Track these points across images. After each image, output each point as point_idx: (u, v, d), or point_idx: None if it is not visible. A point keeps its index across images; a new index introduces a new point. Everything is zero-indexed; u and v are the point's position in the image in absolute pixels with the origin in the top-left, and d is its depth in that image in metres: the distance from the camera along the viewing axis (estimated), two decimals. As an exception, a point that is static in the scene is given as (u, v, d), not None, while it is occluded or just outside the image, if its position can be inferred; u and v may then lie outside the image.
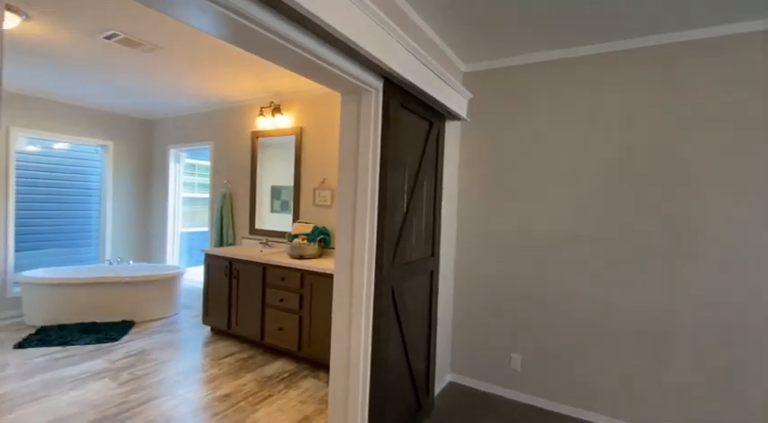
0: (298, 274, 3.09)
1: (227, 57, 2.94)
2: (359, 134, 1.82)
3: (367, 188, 1.79)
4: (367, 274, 1.80)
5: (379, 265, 1.80)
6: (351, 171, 1.84)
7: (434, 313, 2.44)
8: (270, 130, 3.99)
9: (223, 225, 4.32)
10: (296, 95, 3.80)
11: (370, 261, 1.80)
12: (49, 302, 3.82)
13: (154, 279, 4.18)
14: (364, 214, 1.80)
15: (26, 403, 2.40)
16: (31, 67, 3.31)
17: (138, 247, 5.27)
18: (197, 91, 3.86)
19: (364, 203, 1.80)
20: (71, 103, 4.50)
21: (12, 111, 4.06)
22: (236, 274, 3.51)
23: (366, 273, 1.80)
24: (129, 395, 2.56)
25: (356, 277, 1.82)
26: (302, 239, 3.36)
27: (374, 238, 1.80)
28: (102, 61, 3.09)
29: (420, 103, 2.07)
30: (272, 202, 4.10)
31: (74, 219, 4.75)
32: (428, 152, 2.23)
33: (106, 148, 4.93)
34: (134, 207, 5.22)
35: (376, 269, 1.81)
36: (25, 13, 2.31)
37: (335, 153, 3.54)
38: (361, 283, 1.80)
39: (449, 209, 2.73)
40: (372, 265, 1.80)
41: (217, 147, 4.57)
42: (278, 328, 3.21)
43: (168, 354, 3.27)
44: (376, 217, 1.80)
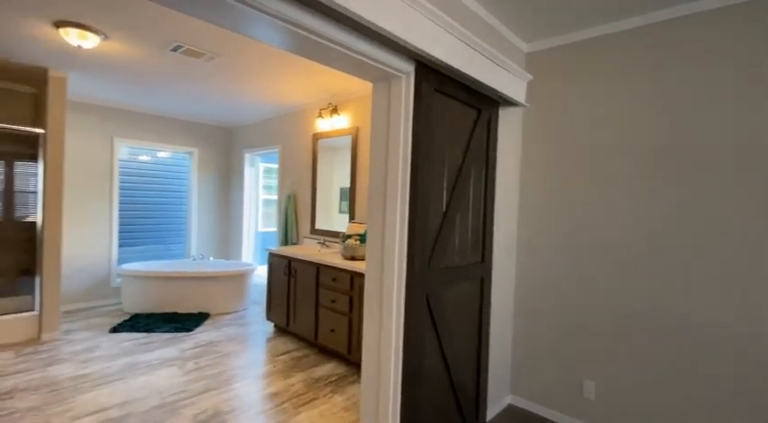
0: (348, 276, 3.01)
1: (279, 59, 2.98)
2: (389, 125, 1.66)
3: (397, 184, 1.62)
4: (397, 278, 1.63)
5: (411, 270, 1.61)
6: (381, 165, 1.69)
7: (485, 325, 2.16)
8: (328, 131, 4.02)
9: (287, 225, 4.47)
10: (351, 95, 3.75)
11: (401, 265, 1.62)
12: (142, 293, 4.30)
13: (227, 275, 4.47)
14: (394, 213, 1.62)
15: (104, 384, 2.67)
16: (117, 83, 3.75)
17: (218, 244, 5.73)
18: (261, 96, 4.04)
19: (394, 201, 1.63)
20: (161, 115, 5.05)
21: (114, 123, 4.67)
22: (294, 272, 3.57)
23: (396, 277, 1.63)
24: (190, 384, 2.71)
25: (386, 282, 1.66)
26: (355, 240, 3.29)
27: (404, 240, 1.62)
28: (173, 73, 3.37)
29: (462, 87, 1.83)
30: (341, 203, 4.13)
31: (167, 218, 5.32)
32: (475, 143, 1.97)
33: (192, 154, 5.45)
34: (215, 208, 5.69)
35: (407, 274, 1.62)
36: (104, 33, 2.58)
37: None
38: (391, 288, 1.63)
39: (506, 208, 2.42)
40: (403, 270, 1.62)
41: (283, 150, 4.75)
42: (330, 329, 3.17)
43: (232, 347, 3.43)
44: (407, 216, 1.62)
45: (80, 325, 3.89)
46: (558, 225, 2.36)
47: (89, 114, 4.49)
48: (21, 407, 2.34)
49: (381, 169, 1.69)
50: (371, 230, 1.73)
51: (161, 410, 2.37)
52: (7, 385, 2.60)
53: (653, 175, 2.04)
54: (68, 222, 4.32)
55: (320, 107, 4.05)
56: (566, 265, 2.33)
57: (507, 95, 2.02)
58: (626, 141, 2.13)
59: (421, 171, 1.61)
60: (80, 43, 2.54)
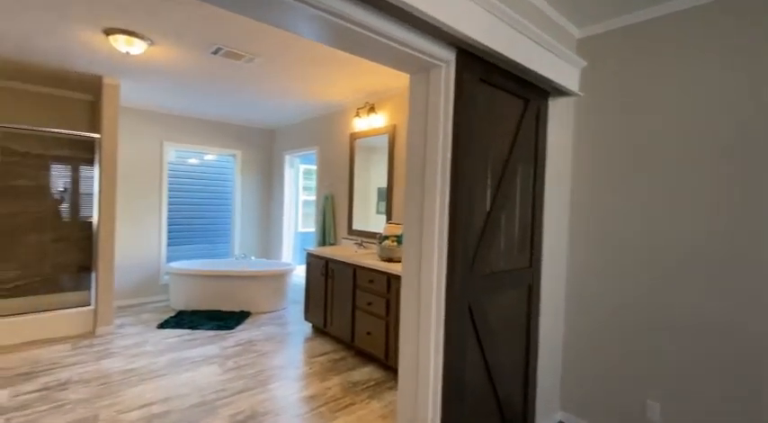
0: (384, 278, 2.92)
1: (320, 58, 2.95)
2: (427, 119, 1.54)
3: (435, 182, 1.50)
4: (436, 285, 1.50)
5: (452, 276, 1.49)
6: (418, 162, 1.57)
7: (534, 337, 1.98)
8: (365, 130, 3.95)
9: (325, 225, 4.46)
10: (388, 93, 3.67)
11: (440, 270, 1.50)
12: (187, 290, 4.46)
13: (267, 274, 4.54)
14: (432, 213, 1.51)
15: (150, 379, 2.75)
16: (165, 88, 3.90)
17: (259, 244, 5.85)
18: (299, 97, 4.05)
19: (432, 200, 1.51)
20: (206, 119, 5.23)
21: (163, 128, 4.89)
22: (332, 273, 3.54)
23: (435, 284, 1.51)
24: (229, 383, 2.73)
25: (424, 289, 1.54)
26: (392, 241, 3.19)
27: (444, 243, 1.49)
28: (214, 75, 3.44)
29: (509, 76, 1.68)
30: (378, 203, 4.07)
31: (212, 218, 5.51)
32: (523, 137, 1.81)
33: (236, 156, 5.60)
34: (257, 208, 5.81)
35: (447, 281, 1.49)
36: (150, 39, 2.66)
37: (428, 149, 3.29)
38: (430, 295, 1.51)
39: (556, 208, 2.22)
40: (443, 276, 1.50)
41: (321, 150, 4.76)
42: (366, 332, 3.10)
43: (270, 346, 3.45)
44: (447, 217, 1.49)
45: (131, 320, 4.09)
46: (617, 227, 2.13)
47: (141, 120, 4.72)
48: (72, 399, 2.46)
49: (419, 166, 1.57)
50: (408, 232, 1.62)
51: (200, 409, 2.39)
52: (63, 377, 2.75)
53: (728, 173, 1.77)
54: (121, 222, 4.56)
55: (357, 106, 4.00)
56: (627, 272, 2.09)
57: (559, 84, 1.83)
58: (696, 135, 1.87)
59: (463, 168, 1.48)
60: (128, 49, 2.64)
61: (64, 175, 4.25)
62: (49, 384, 2.63)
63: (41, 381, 2.67)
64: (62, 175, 4.24)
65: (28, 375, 2.74)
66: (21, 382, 2.65)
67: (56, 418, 2.24)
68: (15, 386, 2.58)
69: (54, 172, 4.19)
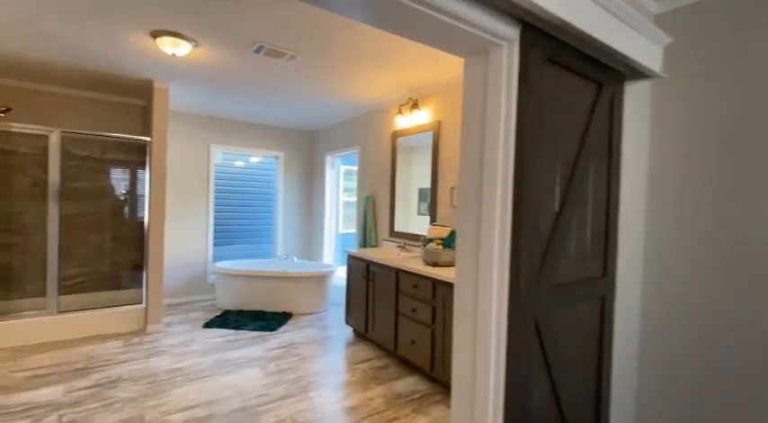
0: (429, 284, 2.74)
1: (362, 55, 2.83)
2: (485, 108, 1.35)
3: (496, 179, 1.30)
4: (497, 298, 1.31)
5: (516, 288, 1.28)
6: (475, 158, 1.38)
7: (606, 358, 1.72)
8: (408, 127, 3.79)
9: (366, 227, 4.35)
10: (433, 87, 3.48)
11: (501, 281, 1.30)
12: (232, 290, 4.52)
13: (309, 276, 4.50)
14: (492, 215, 1.31)
15: (195, 380, 2.75)
16: (210, 91, 3.95)
17: (301, 245, 5.86)
18: (340, 96, 3.96)
19: (492, 201, 1.31)
20: (251, 122, 5.30)
21: (210, 131, 5.01)
22: (373, 276, 3.40)
23: (495, 297, 1.31)
24: (270, 388, 2.67)
25: (482, 302, 1.35)
26: (437, 244, 3.00)
27: (507, 248, 1.29)
28: (256, 75, 3.42)
29: (580, 55, 1.44)
30: (419, 204, 3.91)
31: (257, 219, 5.58)
32: (595, 128, 1.56)
33: (278, 157, 5.64)
34: (299, 209, 5.83)
35: (510, 292, 1.29)
36: (194, 39, 2.66)
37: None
38: (489, 310, 1.32)
39: (631, 207, 1.93)
40: (505, 287, 1.30)
41: (362, 150, 4.65)
42: (410, 340, 2.93)
43: (312, 350, 3.38)
44: (510, 218, 1.29)
45: (179, 318, 4.19)
46: (705, 232, 1.81)
47: (189, 123, 4.86)
48: (121, 397, 2.49)
49: (475, 163, 1.38)
50: (462, 237, 1.43)
51: (241, 414, 2.34)
52: (114, 374, 2.81)
53: None
54: (171, 222, 4.71)
55: (399, 103, 3.85)
56: (710, 285, 1.77)
57: (640, 63, 1.57)
58: (822, 115, 1.53)
59: (528, 163, 1.27)
60: (174, 51, 2.65)
61: (120, 178, 4.45)
62: (100, 381, 2.70)
63: (94, 377, 2.75)
64: (119, 177, 4.44)
65: (83, 371, 2.84)
66: (76, 377, 2.74)
67: (104, 416, 2.27)
68: (70, 382, 2.67)
69: (111, 175, 4.39)
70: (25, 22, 2.48)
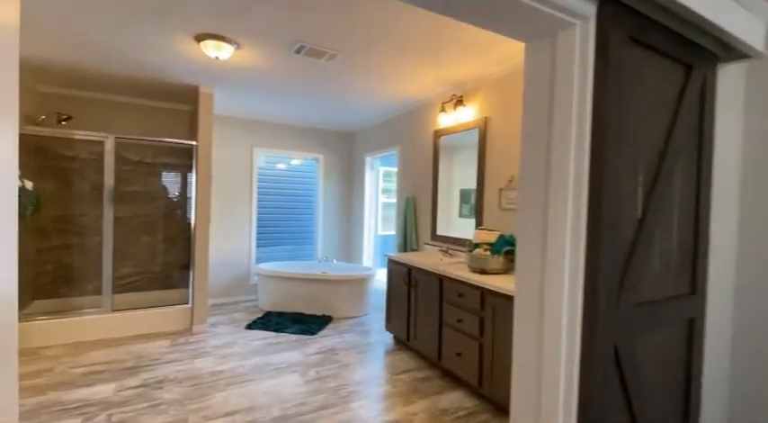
0: (477, 293, 2.55)
1: (403, 50, 2.70)
2: (552, 97, 1.17)
3: (567, 180, 1.12)
4: (568, 320, 1.12)
5: (592, 308, 1.09)
6: (539, 154, 1.20)
7: (696, 387, 1.47)
8: (451, 126, 3.61)
9: (407, 230, 4.21)
10: (479, 82, 3.27)
11: (573, 300, 1.11)
12: (273, 292, 4.54)
13: (348, 279, 4.43)
14: (561, 222, 1.13)
15: (236, 384, 2.74)
16: (252, 95, 3.98)
17: (341, 247, 5.82)
18: (380, 95, 3.85)
19: (561, 204, 1.13)
20: (292, 124, 5.33)
21: (253, 135, 5.08)
22: (415, 283, 3.26)
23: (566, 318, 1.12)
24: (310, 396, 2.60)
25: (549, 324, 1.16)
26: (484, 250, 2.80)
27: (580, 263, 1.10)
28: (297, 76, 3.38)
29: (668, 33, 1.22)
30: (461, 206, 3.72)
31: (298, 221, 5.61)
32: (684, 118, 1.33)
33: (318, 160, 5.64)
34: (338, 211, 5.80)
35: (584, 314, 1.10)
36: (236, 42, 2.65)
37: (528, 143, 2.83)
38: (557, 333, 1.14)
39: (722, 214, 1.65)
40: (578, 307, 1.11)
41: (402, 151, 4.52)
42: (456, 352, 2.75)
43: (352, 357, 3.28)
44: (584, 227, 1.10)
45: (224, 319, 4.26)
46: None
47: (233, 127, 4.96)
48: (167, 398, 2.51)
49: (540, 162, 1.20)
50: (524, 249, 1.26)
51: (281, 424, 2.28)
52: (161, 374, 2.86)
53: None
54: (217, 224, 4.82)
55: (443, 100, 3.67)
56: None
57: (740, 40, 1.31)
58: None
59: (607, 160, 1.08)
60: (217, 54, 2.66)
61: (170, 181, 4.62)
62: (148, 381, 2.75)
63: (143, 376, 2.81)
64: (169, 180, 4.61)
65: (132, 370, 2.91)
66: (126, 376, 2.81)
67: (150, 418, 2.29)
68: (121, 380, 2.74)
69: (162, 178, 4.57)
70: (82, 34, 2.57)
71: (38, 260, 3.96)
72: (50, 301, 3.99)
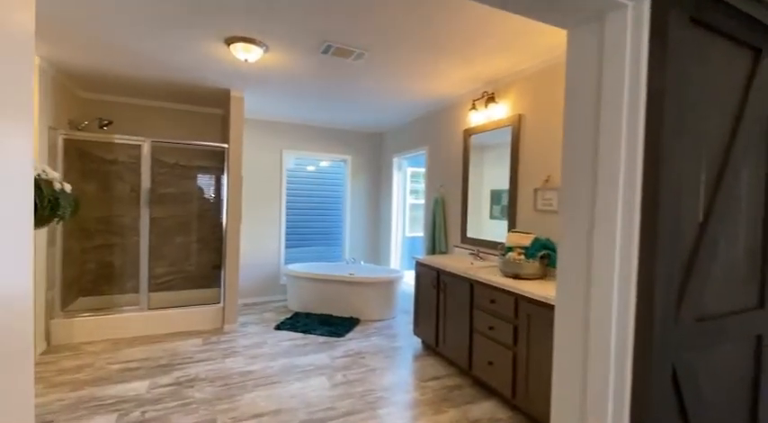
0: (511, 299, 2.42)
1: (431, 47, 2.62)
2: (600, 85, 1.05)
3: (617, 178, 1.00)
4: (617, 334, 1.01)
5: (645, 325, 0.97)
6: (585, 150, 1.09)
7: (764, 414, 1.30)
8: (483, 124, 3.48)
9: (435, 232, 4.10)
10: (512, 77, 3.13)
11: (624, 312, 1.00)
12: (301, 293, 4.56)
13: (376, 281, 4.38)
14: (610, 225, 1.01)
15: (264, 385, 2.74)
16: (282, 97, 4.00)
17: (368, 248, 5.79)
18: (408, 94, 3.78)
19: (610, 205, 1.02)
20: (320, 126, 5.35)
21: (283, 137, 5.14)
22: (444, 287, 3.16)
23: (615, 333, 1.01)
24: (337, 401, 2.56)
25: (594, 339, 1.05)
26: (518, 254, 2.67)
27: (632, 272, 0.99)
28: (325, 77, 3.37)
29: (734, 12, 1.08)
30: (492, 207, 3.59)
31: (327, 222, 5.63)
32: (752, 108, 1.18)
33: (346, 161, 5.64)
34: (366, 213, 5.77)
35: (637, 331, 0.99)
36: (265, 44, 2.66)
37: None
38: (606, 349, 1.02)
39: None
40: (629, 321, 1.00)
41: (431, 151, 4.42)
42: (487, 361, 2.63)
43: (379, 361, 3.22)
44: (637, 231, 0.99)
45: (254, 318, 4.31)
46: None
47: (263, 130, 5.03)
48: (197, 398, 2.55)
49: (585, 155, 1.09)
50: (566, 251, 1.15)
51: (308, 429, 2.25)
52: (192, 372, 2.91)
53: None
54: (248, 225, 4.90)
55: (473, 98, 3.55)
56: None
57: (823, 19, 1.15)
58: None
59: (665, 155, 0.96)
60: (246, 57, 2.67)
61: (203, 183, 4.74)
62: (180, 379, 2.80)
63: (175, 375, 2.87)
64: (202, 182, 4.73)
65: (166, 368, 2.98)
66: (159, 374, 2.88)
67: (180, 417, 2.32)
68: (154, 378, 2.81)
69: (196, 180, 4.70)
70: (118, 42, 2.66)
71: (82, 259, 4.15)
72: (93, 299, 4.18)
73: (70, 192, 2.01)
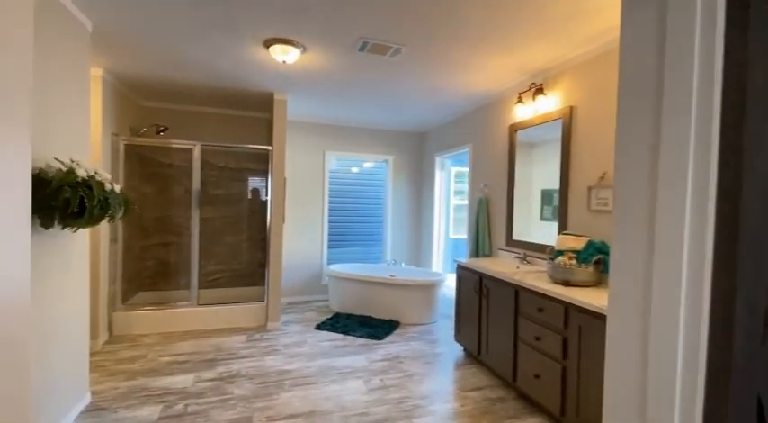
0: (560, 308, 2.21)
1: (471, 38, 2.48)
2: (663, 66, 0.89)
3: (684, 173, 0.83)
4: (685, 360, 0.83)
5: (723, 348, 0.79)
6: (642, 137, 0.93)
7: None
8: (530, 118, 3.26)
9: (479, 234, 3.92)
10: (562, 67, 2.90)
11: (694, 335, 0.82)
12: (342, 293, 4.56)
13: (416, 284, 4.27)
14: (676, 231, 0.84)
15: (300, 385, 2.74)
16: (322, 99, 4.03)
17: (409, 250, 5.69)
18: (450, 90, 3.64)
19: (677, 207, 0.84)
20: (362, 127, 5.35)
21: (325, 138, 5.19)
22: (487, 292, 2.98)
23: (681, 356, 0.84)
24: (372, 406, 2.49)
25: (656, 367, 0.88)
26: (569, 258, 2.44)
27: (705, 286, 0.81)
28: (363, 76, 3.33)
29: None
30: (543, 208, 3.35)
31: (368, 223, 5.62)
32: None
33: (388, 161, 5.59)
34: (407, 214, 5.67)
35: (711, 355, 0.81)
36: (302, 44, 2.66)
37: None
38: (670, 379, 0.85)
39: None
40: (701, 346, 0.82)
41: (474, 149, 4.24)
42: (533, 373, 2.43)
43: (417, 367, 3.12)
44: (711, 238, 0.81)
45: (296, 317, 4.38)
46: None
47: (307, 132, 5.12)
48: (236, 394, 2.60)
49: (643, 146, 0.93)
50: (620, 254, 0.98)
51: (341, 434, 2.20)
52: (234, 369, 2.99)
53: None
54: (292, 225, 5.01)
55: (519, 91, 3.34)
56: None
57: None
58: None
59: (750, 144, 0.77)
60: (283, 58, 2.70)
61: (251, 185, 4.92)
62: (223, 374, 2.88)
63: (218, 370, 2.96)
64: (250, 184, 4.91)
65: (210, 362, 3.09)
66: (204, 368, 2.99)
67: (219, 412, 2.37)
68: (200, 372, 2.92)
69: (244, 182, 4.88)
70: (167, 49, 2.80)
71: (142, 256, 4.46)
72: (151, 293, 4.47)
73: (120, 192, 2.13)
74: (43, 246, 1.94)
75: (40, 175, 1.67)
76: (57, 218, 1.72)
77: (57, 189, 1.63)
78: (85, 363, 2.46)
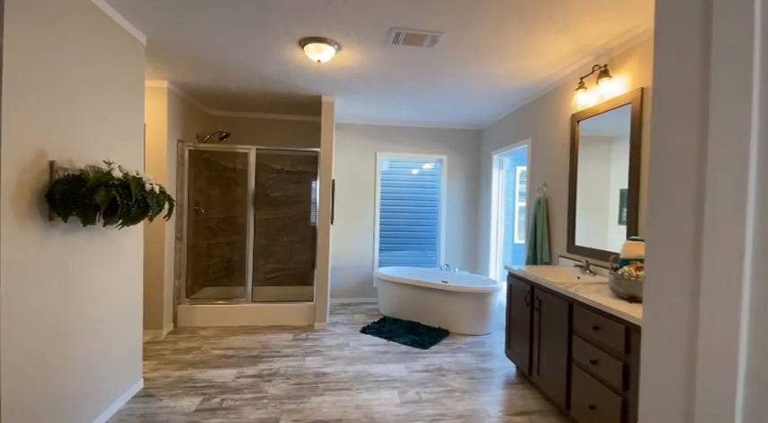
0: (621, 329, 1.84)
1: (520, 18, 2.21)
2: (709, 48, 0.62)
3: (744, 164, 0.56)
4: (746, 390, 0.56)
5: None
6: (685, 121, 0.66)
7: None
8: (595, 105, 2.83)
9: (537, 239, 3.53)
10: (630, 43, 2.46)
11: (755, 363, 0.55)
12: (390, 297, 4.44)
13: (469, 291, 3.99)
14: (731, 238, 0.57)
15: (333, 390, 2.67)
16: (368, 99, 3.95)
17: (464, 255, 5.37)
18: (500, 81, 3.33)
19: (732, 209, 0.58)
20: (413, 126, 5.19)
21: (377, 139, 5.13)
22: (538, 304, 2.64)
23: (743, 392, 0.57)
24: (402, 421, 2.32)
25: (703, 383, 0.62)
26: (636, 269, 2.04)
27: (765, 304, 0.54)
28: (404, 70, 3.18)
29: None
30: (621, 210, 2.90)
31: (421, 226, 5.44)
32: None
33: (442, 161, 5.35)
34: (463, 216, 5.37)
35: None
36: (335, 42, 2.61)
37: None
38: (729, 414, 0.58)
39: None
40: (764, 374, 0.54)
41: (533, 143, 3.85)
42: (589, 403, 2.06)
43: (461, 382, 2.87)
44: None
45: (344, 319, 4.36)
46: None
47: (358, 134, 5.11)
48: (270, 393, 2.61)
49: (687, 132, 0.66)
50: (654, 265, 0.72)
51: (363, 447, 2.07)
52: (275, 367, 3.03)
53: None
54: (343, 227, 5.03)
55: (581, 75, 2.93)
56: None
57: None
58: None
59: None
60: (318, 57, 2.67)
61: (306, 187, 5.05)
62: (263, 372, 2.93)
63: (260, 367, 3.02)
64: (305, 186, 5.04)
65: (254, 359, 3.17)
66: (248, 364, 3.07)
67: (251, 410, 2.39)
68: (242, 368, 3.00)
69: (299, 184, 5.03)
70: (217, 58, 2.94)
71: (208, 254, 4.80)
72: (216, 289, 4.79)
73: (160, 192, 2.25)
74: (94, 242, 2.12)
75: (81, 175, 1.80)
76: (96, 216, 1.85)
77: (91, 188, 1.74)
78: (139, 351, 2.66)
